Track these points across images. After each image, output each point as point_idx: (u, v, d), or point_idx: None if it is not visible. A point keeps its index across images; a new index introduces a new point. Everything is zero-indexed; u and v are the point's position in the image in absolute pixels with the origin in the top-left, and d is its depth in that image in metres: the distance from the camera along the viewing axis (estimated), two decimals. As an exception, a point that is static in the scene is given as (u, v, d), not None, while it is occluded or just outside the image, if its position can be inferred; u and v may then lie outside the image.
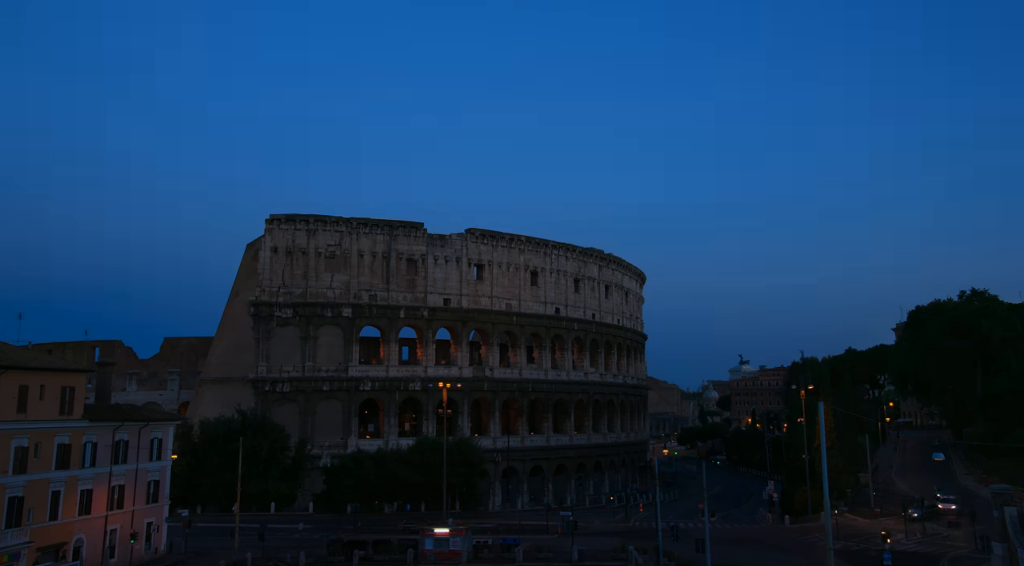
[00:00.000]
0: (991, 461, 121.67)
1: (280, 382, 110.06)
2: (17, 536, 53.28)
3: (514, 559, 66.75)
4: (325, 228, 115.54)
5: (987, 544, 64.62)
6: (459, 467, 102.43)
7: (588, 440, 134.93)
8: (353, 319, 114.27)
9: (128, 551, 65.41)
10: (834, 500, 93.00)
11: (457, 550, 67.68)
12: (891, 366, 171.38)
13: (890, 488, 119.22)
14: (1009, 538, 56.71)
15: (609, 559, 67.06)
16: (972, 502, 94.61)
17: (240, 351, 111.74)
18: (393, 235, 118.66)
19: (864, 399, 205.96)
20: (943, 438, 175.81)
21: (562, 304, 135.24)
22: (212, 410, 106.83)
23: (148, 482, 68.71)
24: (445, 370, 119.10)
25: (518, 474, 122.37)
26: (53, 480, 57.87)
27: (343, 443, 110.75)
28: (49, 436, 57.77)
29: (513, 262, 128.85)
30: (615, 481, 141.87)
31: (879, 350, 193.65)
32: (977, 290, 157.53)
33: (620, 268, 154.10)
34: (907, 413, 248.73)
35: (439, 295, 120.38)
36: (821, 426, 51.44)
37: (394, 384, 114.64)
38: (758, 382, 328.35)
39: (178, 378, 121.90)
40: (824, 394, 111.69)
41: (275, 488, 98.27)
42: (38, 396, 56.60)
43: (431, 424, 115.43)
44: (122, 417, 66.33)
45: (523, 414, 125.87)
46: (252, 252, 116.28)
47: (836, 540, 71.33)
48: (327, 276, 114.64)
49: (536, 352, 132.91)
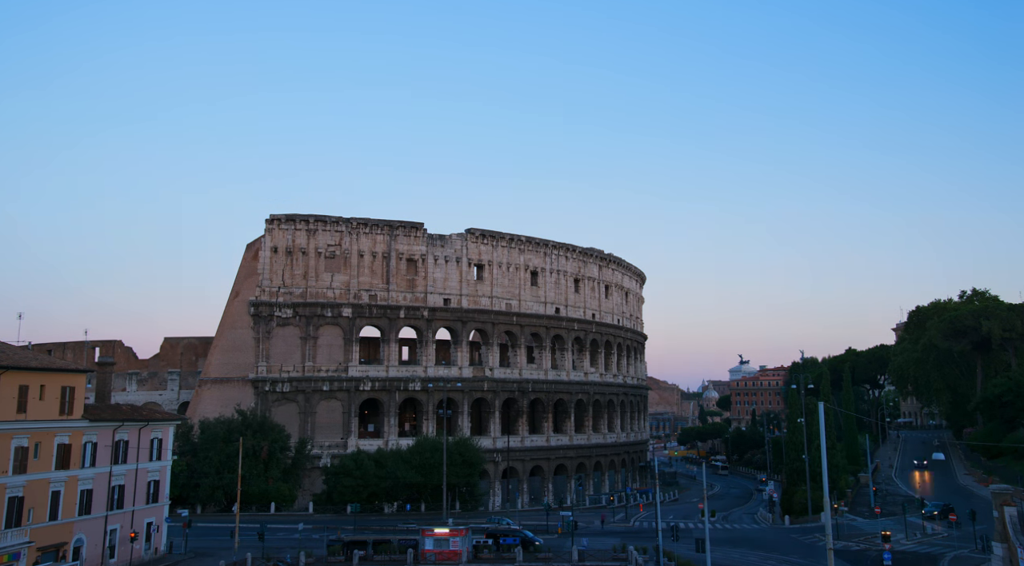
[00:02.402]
0: (991, 461, 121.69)
1: (280, 382, 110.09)
2: (17, 536, 53.29)
3: (514, 559, 66.76)
4: (325, 228, 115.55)
5: (987, 544, 64.61)
6: (459, 467, 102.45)
7: (588, 440, 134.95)
8: (353, 319, 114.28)
9: (128, 551, 65.42)
10: (834, 500, 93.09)
11: (457, 550, 67.70)
12: (891, 366, 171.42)
13: (890, 488, 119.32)
14: (1009, 538, 56.63)
15: (609, 559, 67.07)
16: (972, 502, 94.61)
17: (240, 351, 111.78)
18: (393, 235, 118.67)
19: (864, 399, 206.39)
20: (943, 438, 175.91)
21: (562, 304, 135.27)
22: (212, 410, 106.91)
23: (148, 482, 68.71)
24: (445, 370, 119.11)
25: (518, 474, 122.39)
26: (53, 480, 57.88)
27: (343, 443, 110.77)
28: (49, 436, 57.78)
29: (513, 262, 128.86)
30: (615, 481, 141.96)
31: (879, 350, 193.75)
32: (977, 290, 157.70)
33: (620, 268, 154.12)
34: (907, 413, 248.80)
35: (439, 295, 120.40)
36: (821, 426, 51.34)
37: (394, 384, 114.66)
38: (758, 382, 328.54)
39: (178, 378, 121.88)
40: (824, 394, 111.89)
41: (275, 488, 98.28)
42: (38, 396, 56.60)
43: (431, 424, 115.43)
44: (122, 417, 66.31)
45: (523, 414, 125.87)
46: (252, 252, 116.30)
47: (836, 540, 71.48)
48: (327, 276, 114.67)
49: (536, 352, 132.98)
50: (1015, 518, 58.45)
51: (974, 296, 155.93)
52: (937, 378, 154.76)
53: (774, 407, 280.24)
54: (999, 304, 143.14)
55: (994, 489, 64.46)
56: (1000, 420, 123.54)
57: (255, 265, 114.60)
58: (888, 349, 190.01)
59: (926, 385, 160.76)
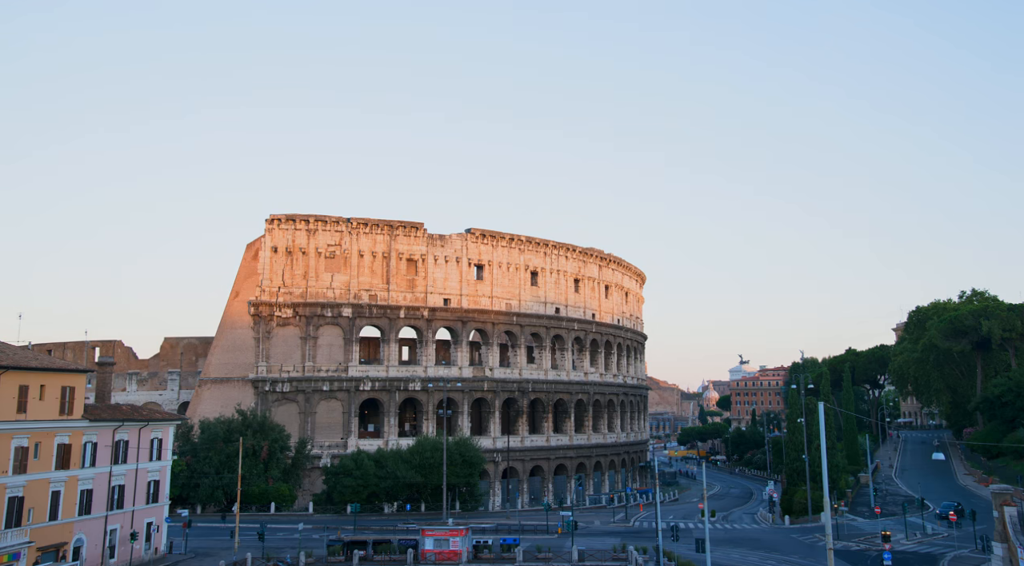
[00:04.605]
0: (991, 461, 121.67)
1: (280, 382, 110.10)
2: (17, 536, 53.29)
3: (514, 559, 66.76)
4: (325, 228, 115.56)
5: (987, 544, 64.62)
6: (459, 467, 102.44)
7: (588, 440, 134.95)
8: (353, 319, 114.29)
9: (128, 551, 65.41)
10: (834, 500, 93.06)
11: (457, 550, 67.71)
12: (891, 366, 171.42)
13: (890, 488, 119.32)
14: (1009, 538, 56.67)
15: (609, 559, 67.10)
16: (972, 502, 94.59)
17: (240, 351, 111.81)
18: (393, 235, 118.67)
19: (864, 399, 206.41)
20: (943, 438, 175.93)
21: (562, 304, 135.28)
22: (212, 410, 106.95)
23: (148, 482, 68.70)
24: (445, 370, 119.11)
25: (518, 474, 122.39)
26: (53, 480, 57.88)
27: (343, 443, 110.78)
28: (49, 436, 57.78)
29: (513, 262, 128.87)
30: (615, 481, 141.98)
31: (879, 350, 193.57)
32: (977, 290, 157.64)
33: (620, 268, 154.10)
34: (907, 413, 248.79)
35: (439, 295, 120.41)
36: (821, 426, 51.34)
37: (394, 384, 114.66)
38: (758, 382, 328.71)
39: (178, 378, 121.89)
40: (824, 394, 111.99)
41: (275, 488, 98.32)
42: (38, 396, 56.60)
43: (431, 424, 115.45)
44: (122, 417, 66.30)
45: (523, 414, 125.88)
46: (252, 252, 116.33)
47: (836, 540, 71.50)
48: (327, 276, 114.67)
49: (536, 352, 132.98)
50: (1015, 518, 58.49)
51: (974, 296, 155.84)
52: (937, 378, 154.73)
53: (774, 407, 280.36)
54: (999, 304, 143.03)
55: (994, 489, 64.50)
56: (1000, 420, 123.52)
57: (255, 265, 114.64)
58: (888, 349, 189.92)
59: (926, 385, 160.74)
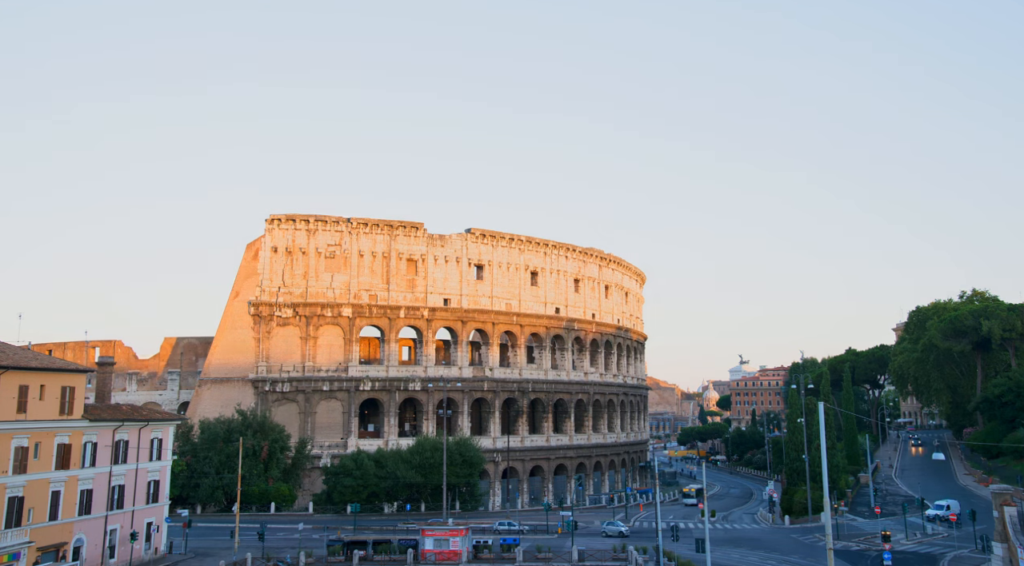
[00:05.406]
0: (991, 461, 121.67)
1: (280, 382, 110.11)
2: (17, 536, 53.28)
3: (514, 559, 66.78)
4: (325, 228, 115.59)
5: (987, 544, 64.60)
6: (459, 467, 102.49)
7: (588, 440, 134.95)
8: (353, 319, 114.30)
9: (128, 551, 65.40)
10: (834, 500, 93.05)
11: (457, 550, 67.72)
12: (891, 366, 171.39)
13: (890, 488, 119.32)
14: (1009, 538, 56.68)
15: (609, 559, 67.13)
16: (972, 502, 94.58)
17: (240, 351, 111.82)
18: (393, 235, 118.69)
19: (864, 399, 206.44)
20: (943, 438, 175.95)
21: (562, 304, 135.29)
22: (212, 410, 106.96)
23: (148, 482, 68.69)
24: (445, 370, 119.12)
25: (518, 474, 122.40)
26: (53, 480, 57.86)
27: (343, 443, 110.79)
28: (49, 436, 57.77)
29: (513, 262, 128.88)
30: (615, 481, 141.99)
31: (879, 350, 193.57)
32: (977, 290, 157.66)
33: (620, 268, 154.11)
34: (907, 413, 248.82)
35: (439, 295, 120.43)
36: (821, 426, 51.32)
37: (394, 384, 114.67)
38: (758, 382, 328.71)
39: (178, 378, 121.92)
40: (824, 394, 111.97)
41: (275, 488, 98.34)
42: (38, 396, 56.59)
43: (431, 424, 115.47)
44: (122, 417, 66.30)
45: (523, 414, 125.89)
46: (252, 252, 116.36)
47: (836, 540, 71.49)
48: (327, 276, 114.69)
49: (536, 352, 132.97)
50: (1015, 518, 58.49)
51: (974, 296, 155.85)
52: (937, 378, 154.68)
53: (774, 407, 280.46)
54: (999, 304, 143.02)
55: (994, 489, 64.49)
56: (1000, 420, 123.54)
57: (255, 265, 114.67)
58: (888, 349, 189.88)
59: (926, 385, 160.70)
